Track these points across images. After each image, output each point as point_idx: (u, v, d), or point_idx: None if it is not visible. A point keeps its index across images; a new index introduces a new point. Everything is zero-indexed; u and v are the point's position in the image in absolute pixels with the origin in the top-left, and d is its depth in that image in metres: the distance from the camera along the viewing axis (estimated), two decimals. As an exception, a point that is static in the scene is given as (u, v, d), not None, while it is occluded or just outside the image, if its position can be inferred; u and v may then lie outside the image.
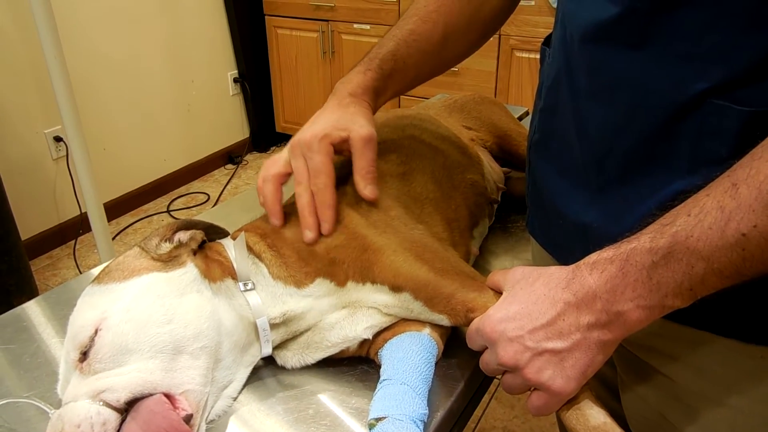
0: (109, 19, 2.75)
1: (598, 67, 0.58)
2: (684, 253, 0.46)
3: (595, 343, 0.52)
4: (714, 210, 0.45)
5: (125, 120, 2.93)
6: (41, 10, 1.70)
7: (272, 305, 0.67)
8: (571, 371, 0.53)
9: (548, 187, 0.71)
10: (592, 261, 0.52)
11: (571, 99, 0.63)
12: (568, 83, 0.63)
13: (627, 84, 0.55)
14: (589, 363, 0.53)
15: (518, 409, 1.84)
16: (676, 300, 0.48)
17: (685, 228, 0.46)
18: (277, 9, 3.38)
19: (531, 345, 0.53)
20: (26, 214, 2.51)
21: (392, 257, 0.66)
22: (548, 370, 0.53)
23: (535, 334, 0.53)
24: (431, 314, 0.66)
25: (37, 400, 0.63)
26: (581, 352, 0.52)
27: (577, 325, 0.52)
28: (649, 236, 0.49)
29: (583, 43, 0.59)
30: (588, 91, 0.60)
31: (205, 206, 3.13)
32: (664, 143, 0.54)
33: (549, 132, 0.70)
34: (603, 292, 0.50)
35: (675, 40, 0.51)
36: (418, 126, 0.94)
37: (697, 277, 0.46)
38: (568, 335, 0.52)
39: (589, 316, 0.51)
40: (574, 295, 0.52)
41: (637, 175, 0.57)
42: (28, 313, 0.82)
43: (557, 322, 0.52)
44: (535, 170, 0.74)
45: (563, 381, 0.53)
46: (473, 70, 2.93)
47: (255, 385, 0.68)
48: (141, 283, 0.61)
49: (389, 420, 0.58)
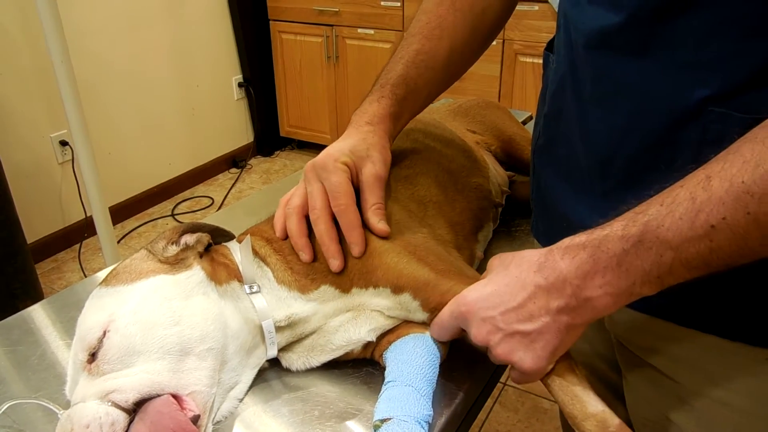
0: (115, 24, 2.77)
1: (601, 73, 0.58)
2: (654, 242, 0.47)
3: (564, 326, 0.54)
4: (685, 201, 0.45)
5: (130, 124, 2.95)
6: (48, 15, 1.71)
7: (277, 308, 0.67)
8: (541, 352, 0.55)
9: (553, 191, 0.71)
10: (564, 245, 0.53)
11: (575, 104, 0.64)
12: (572, 89, 0.64)
13: (629, 91, 0.56)
14: (558, 344, 0.55)
15: (522, 413, 1.84)
16: (644, 288, 0.49)
17: (656, 217, 0.47)
18: (282, 14, 3.39)
19: (502, 326, 0.55)
20: (32, 218, 2.53)
21: (395, 259, 0.67)
22: (519, 351, 0.55)
23: (507, 315, 0.55)
24: (423, 314, 0.67)
25: (45, 400, 0.64)
26: (551, 334, 0.54)
27: (546, 308, 0.53)
28: (621, 224, 0.49)
29: (587, 49, 0.59)
30: (592, 96, 0.60)
31: (209, 210, 3.14)
32: (666, 150, 0.54)
33: (553, 137, 0.70)
34: (573, 277, 0.51)
35: (676, 47, 0.51)
36: (423, 130, 0.95)
37: (666, 266, 0.47)
38: (538, 318, 0.54)
39: (558, 301, 0.53)
40: (545, 279, 0.53)
41: (640, 181, 0.57)
42: (34, 316, 0.83)
43: (527, 305, 0.54)
44: (539, 175, 0.75)
45: (533, 361, 0.55)
46: (477, 74, 2.93)
47: (260, 387, 0.68)
48: (148, 285, 0.62)
49: (394, 421, 0.58)
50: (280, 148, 3.85)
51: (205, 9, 3.24)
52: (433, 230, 0.76)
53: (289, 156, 3.80)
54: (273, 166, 3.64)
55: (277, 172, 3.56)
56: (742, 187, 0.42)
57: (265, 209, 0.79)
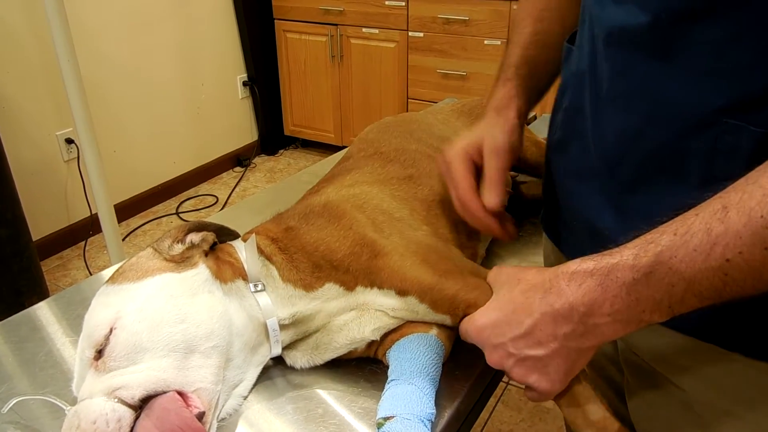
0: (121, 23, 2.78)
1: (619, 72, 0.58)
2: (666, 273, 0.46)
3: (574, 350, 0.54)
4: (701, 232, 0.44)
5: (136, 123, 2.96)
6: (55, 14, 1.72)
7: (282, 306, 0.68)
8: (555, 375, 0.56)
9: (565, 187, 0.71)
10: (571, 271, 0.53)
11: (592, 101, 0.63)
12: (590, 85, 0.63)
13: (645, 93, 0.55)
14: (570, 366, 0.55)
15: (525, 412, 1.84)
16: (654, 315, 0.48)
17: (669, 248, 0.46)
18: (287, 13, 3.40)
19: (513, 352, 0.56)
20: (37, 215, 2.54)
21: (399, 262, 0.67)
22: (533, 374, 0.56)
23: (517, 342, 0.55)
24: (435, 315, 0.67)
25: (52, 397, 0.64)
26: (561, 358, 0.55)
27: (554, 335, 0.53)
28: (632, 252, 0.48)
29: (607, 46, 0.59)
30: (608, 95, 0.60)
31: (213, 208, 3.15)
32: (676, 156, 0.54)
33: (570, 132, 0.69)
34: (580, 304, 0.51)
35: (696, 54, 0.51)
36: (426, 130, 0.95)
37: (677, 296, 0.46)
38: (547, 344, 0.54)
39: (565, 327, 0.52)
40: (550, 305, 0.53)
41: (648, 185, 0.57)
42: (40, 313, 0.83)
43: (535, 332, 0.54)
44: (552, 169, 0.74)
45: (548, 383, 0.56)
46: (481, 74, 2.93)
47: (265, 385, 0.69)
48: (154, 283, 0.63)
49: (397, 419, 0.58)
50: (284, 146, 3.85)
51: (210, 8, 3.25)
52: (435, 229, 0.77)
53: (293, 155, 3.80)
54: (277, 165, 3.65)
55: (282, 171, 3.57)
56: (761, 222, 0.41)
57: (270, 208, 0.79)
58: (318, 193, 0.81)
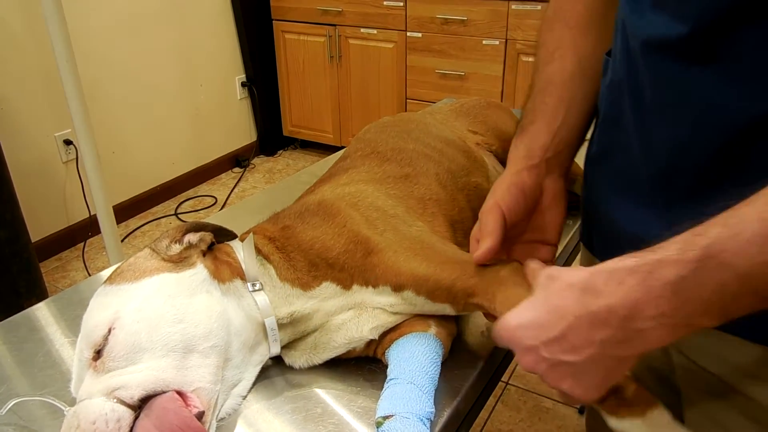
0: (119, 24, 2.78)
1: (663, 81, 0.55)
2: (716, 268, 0.41)
3: (613, 358, 0.49)
4: (755, 221, 0.40)
5: (134, 123, 2.96)
6: (53, 15, 1.72)
7: (280, 306, 0.68)
8: (590, 382, 0.51)
9: (608, 202, 0.67)
10: (609, 269, 0.47)
11: (634, 112, 0.60)
12: (631, 96, 0.60)
13: (694, 100, 0.52)
14: (607, 375, 0.51)
15: (524, 412, 1.84)
16: (704, 319, 0.44)
17: (719, 240, 0.41)
18: (285, 14, 3.40)
19: (547, 356, 0.51)
20: (36, 217, 2.53)
21: (393, 258, 0.67)
22: (567, 380, 0.51)
23: (550, 346, 0.50)
24: (434, 305, 0.67)
25: (51, 397, 0.65)
26: (597, 366, 0.50)
27: (589, 340, 0.48)
28: (677, 247, 0.44)
29: (647, 56, 0.56)
30: (653, 105, 0.57)
31: (212, 209, 3.14)
32: (736, 160, 0.51)
33: (609, 145, 0.66)
34: (620, 307, 0.46)
35: (742, 58, 0.49)
36: (424, 130, 0.96)
37: (730, 295, 0.42)
38: (582, 349, 0.49)
39: (602, 332, 0.47)
40: (585, 307, 0.48)
41: (709, 191, 0.53)
42: (38, 314, 0.83)
43: (569, 336, 0.49)
44: (592, 183, 0.71)
45: (583, 391, 0.52)
46: (480, 74, 2.94)
47: (264, 384, 0.69)
48: (152, 283, 0.63)
49: (396, 418, 0.59)
50: (283, 147, 3.85)
51: (208, 9, 3.25)
52: (431, 226, 0.76)
53: (292, 155, 3.80)
54: (276, 166, 3.65)
55: (280, 172, 3.57)
56: None
57: (268, 208, 0.79)
58: (314, 192, 0.81)
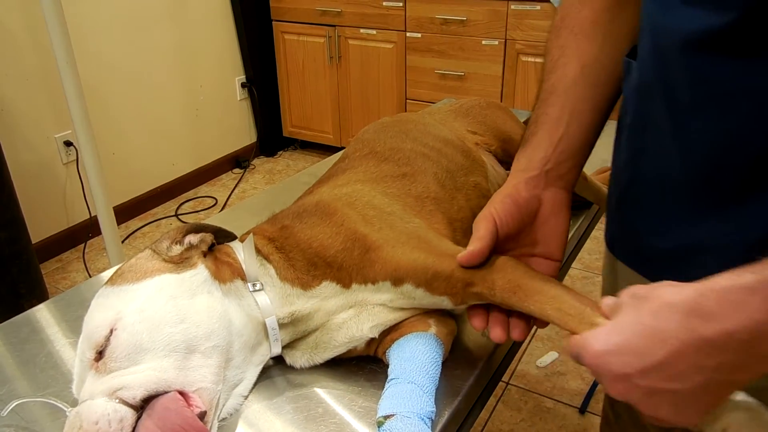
0: (119, 25, 2.78)
1: (703, 78, 0.53)
2: None
3: (724, 383, 0.44)
4: None
5: (134, 125, 2.96)
6: (53, 16, 1.72)
7: (280, 305, 0.68)
8: (692, 410, 0.46)
9: (640, 208, 0.65)
10: (721, 287, 0.42)
11: (668, 114, 0.58)
12: (664, 97, 0.58)
13: (743, 94, 0.50)
14: (713, 402, 0.46)
15: (525, 412, 1.84)
16: None
17: None
18: (285, 14, 3.40)
19: (642, 384, 0.46)
20: (37, 218, 2.54)
21: (391, 252, 0.67)
22: (664, 407, 0.46)
23: (647, 375, 0.45)
24: (433, 298, 0.67)
25: (53, 398, 0.65)
26: (706, 392, 0.44)
27: (699, 366, 0.43)
28: None
29: (684, 54, 0.53)
30: (692, 104, 0.54)
31: (212, 210, 3.15)
32: None
33: (639, 150, 0.64)
34: (741, 331, 0.40)
35: None
36: (422, 130, 0.96)
37: None
38: (689, 377, 0.43)
39: (717, 358, 0.42)
40: (693, 332, 0.42)
41: (753, 191, 0.51)
42: (39, 315, 0.84)
43: (672, 363, 0.44)
44: (621, 187, 0.68)
45: (683, 418, 0.47)
46: (479, 74, 2.94)
47: (265, 384, 0.69)
48: (153, 284, 0.63)
49: (397, 417, 0.59)
50: (283, 148, 3.85)
51: (208, 10, 3.25)
52: (429, 224, 0.77)
53: (292, 156, 3.80)
54: (276, 167, 3.65)
55: (280, 173, 3.57)
56: None
57: (268, 209, 0.79)
58: (312, 193, 0.81)
